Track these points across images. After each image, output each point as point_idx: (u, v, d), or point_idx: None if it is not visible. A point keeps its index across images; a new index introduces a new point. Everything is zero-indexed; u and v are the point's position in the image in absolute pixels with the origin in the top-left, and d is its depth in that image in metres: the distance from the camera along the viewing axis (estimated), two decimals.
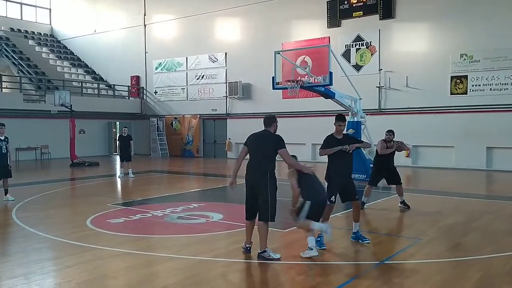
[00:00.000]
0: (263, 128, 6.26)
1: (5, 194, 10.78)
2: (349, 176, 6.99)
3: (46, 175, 17.71)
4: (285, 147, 6.04)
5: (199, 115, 26.27)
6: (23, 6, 32.55)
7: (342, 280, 5.21)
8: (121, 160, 16.07)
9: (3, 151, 10.75)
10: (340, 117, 7.06)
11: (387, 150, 9.56)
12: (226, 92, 24.91)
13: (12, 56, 27.67)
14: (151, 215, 8.99)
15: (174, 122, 27.32)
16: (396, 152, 9.71)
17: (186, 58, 26.68)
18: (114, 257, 6.20)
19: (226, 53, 25.10)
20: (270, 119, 6.24)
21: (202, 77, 26.16)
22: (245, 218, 6.27)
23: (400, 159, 15.24)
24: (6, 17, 31.43)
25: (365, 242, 6.75)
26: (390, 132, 9.65)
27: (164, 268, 5.72)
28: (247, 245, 6.24)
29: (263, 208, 5.92)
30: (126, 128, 16.60)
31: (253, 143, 6.17)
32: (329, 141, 6.89)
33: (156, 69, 28.16)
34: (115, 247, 6.56)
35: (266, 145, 6.07)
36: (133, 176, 15.66)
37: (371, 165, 10.79)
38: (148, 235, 7.53)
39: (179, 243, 6.82)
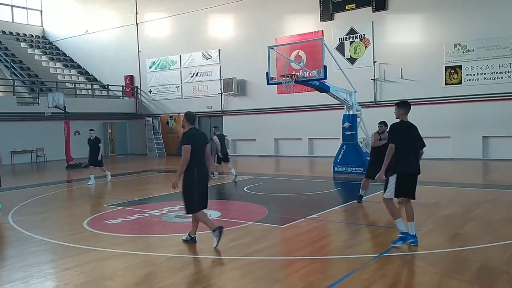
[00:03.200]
0: (192, 125, 6.54)
1: None
2: None
3: (42, 178, 17.61)
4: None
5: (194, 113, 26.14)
6: (14, 8, 32.33)
7: (342, 274, 5.19)
8: (90, 165, 14.82)
9: None
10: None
11: (380, 142, 9.49)
12: (220, 89, 24.85)
13: (5, 59, 27.53)
14: (148, 214, 8.95)
15: (169, 121, 27.24)
16: None
17: (180, 56, 26.59)
18: (112, 258, 6.16)
19: (219, 50, 25.02)
20: (196, 116, 6.72)
21: (196, 75, 26.08)
22: (198, 211, 6.45)
23: None
24: None
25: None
26: (382, 123, 9.58)
27: (162, 267, 5.68)
28: (193, 235, 6.59)
29: (207, 196, 6.64)
30: (93, 131, 15.13)
31: (198, 141, 6.45)
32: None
33: (150, 68, 28.06)
34: (113, 248, 6.52)
35: (206, 141, 6.68)
36: (110, 178, 15.00)
37: (368, 158, 10.76)
38: (145, 235, 7.49)
39: (177, 242, 6.77)
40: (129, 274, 5.45)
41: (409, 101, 6.86)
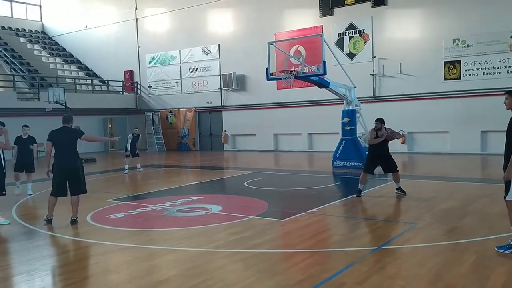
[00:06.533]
0: (64, 125, 7.88)
1: None
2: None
3: (43, 173, 17.67)
4: (84, 133, 8.10)
5: (194, 108, 26.27)
6: (13, 3, 32.29)
7: (340, 266, 5.29)
8: (16, 170, 12.03)
9: None
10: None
11: (375, 140, 9.51)
12: (220, 84, 24.90)
13: (4, 54, 27.52)
14: (150, 209, 9.05)
15: (169, 116, 27.31)
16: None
17: (179, 51, 26.61)
18: (115, 251, 6.26)
19: (219, 45, 25.05)
20: (70, 118, 7.96)
21: (196, 70, 26.12)
22: (54, 196, 7.84)
23: (396, 145, 15.37)
24: None
25: None
26: (379, 121, 9.53)
27: (165, 260, 5.79)
28: (50, 218, 7.82)
29: (79, 184, 7.90)
30: (28, 127, 12.50)
31: (60, 138, 7.76)
32: None
33: (149, 63, 28.08)
34: (116, 242, 6.62)
35: (69, 137, 7.81)
36: (31, 193, 11.65)
37: (367, 153, 10.85)
38: (148, 229, 7.58)
39: (179, 236, 6.88)
40: (133, 267, 5.56)
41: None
